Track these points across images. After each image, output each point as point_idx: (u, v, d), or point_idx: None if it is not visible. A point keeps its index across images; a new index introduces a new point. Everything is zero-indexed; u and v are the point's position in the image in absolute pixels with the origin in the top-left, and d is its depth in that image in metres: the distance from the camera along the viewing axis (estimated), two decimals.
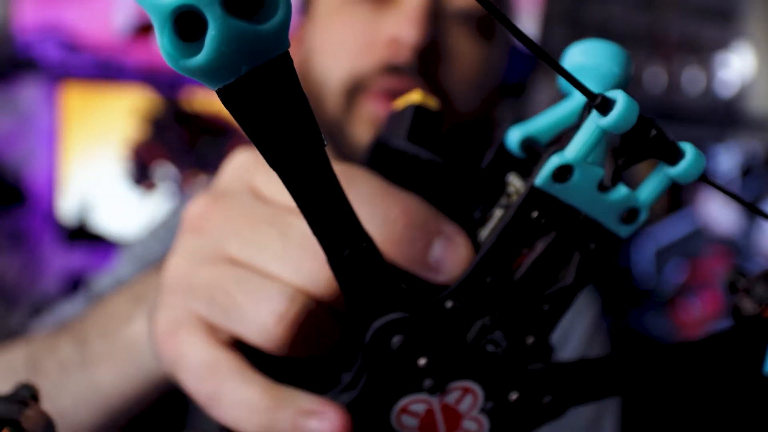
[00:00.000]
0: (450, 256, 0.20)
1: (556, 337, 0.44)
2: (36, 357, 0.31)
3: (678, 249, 2.23)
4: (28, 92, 1.56)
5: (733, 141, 2.57)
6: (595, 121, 0.18)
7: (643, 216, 0.20)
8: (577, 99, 0.22)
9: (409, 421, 0.20)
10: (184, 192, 1.60)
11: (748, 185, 2.42)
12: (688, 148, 0.19)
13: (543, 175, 0.18)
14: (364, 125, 0.45)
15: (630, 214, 0.20)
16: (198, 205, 0.23)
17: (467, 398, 0.20)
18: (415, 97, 0.23)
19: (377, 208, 0.20)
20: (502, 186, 0.22)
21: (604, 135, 0.18)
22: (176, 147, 1.59)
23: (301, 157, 0.16)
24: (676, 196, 2.26)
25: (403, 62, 0.43)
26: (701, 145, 1.87)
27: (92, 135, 1.53)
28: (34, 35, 1.47)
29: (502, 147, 0.23)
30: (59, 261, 1.57)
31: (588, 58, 0.20)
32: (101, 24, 1.52)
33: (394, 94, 0.43)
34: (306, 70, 0.48)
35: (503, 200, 0.22)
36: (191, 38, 0.14)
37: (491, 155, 0.23)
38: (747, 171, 2.46)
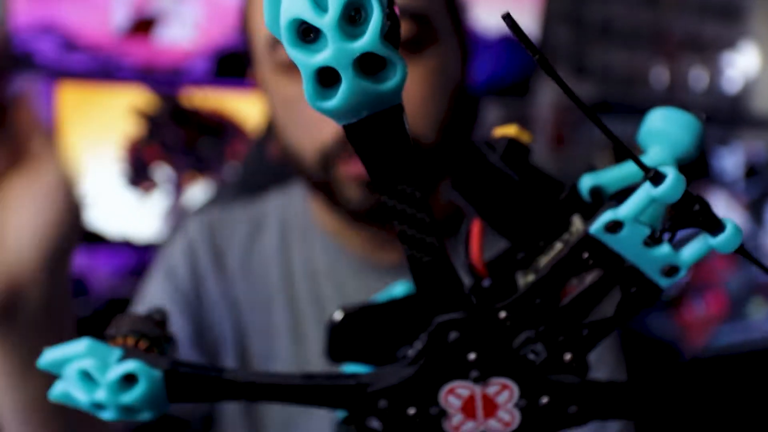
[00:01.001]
0: None
1: None
2: None
3: None
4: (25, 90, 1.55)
5: (737, 141, 2.56)
6: (646, 190, 0.21)
7: (682, 273, 0.23)
8: (649, 158, 0.25)
9: (454, 402, 0.25)
10: (182, 192, 1.58)
11: (752, 186, 2.41)
12: (729, 224, 0.22)
13: (597, 225, 0.23)
14: (346, 184, 0.48)
15: (671, 269, 0.23)
16: None
17: (505, 393, 0.24)
18: (510, 130, 0.27)
19: None
20: (566, 223, 0.26)
21: (655, 202, 0.22)
22: (174, 147, 1.58)
23: (398, 181, 0.22)
24: None
25: None
26: (705, 145, 1.84)
27: (89, 134, 1.51)
28: (30, 33, 1.46)
29: (575, 189, 0.27)
30: None
31: (665, 125, 0.24)
32: (98, 22, 1.51)
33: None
34: (276, 130, 0.50)
35: (565, 236, 0.26)
36: (329, 84, 0.20)
37: (564, 194, 0.27)
38: (751, 171, 2.44)
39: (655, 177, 0.21)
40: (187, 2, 1.56)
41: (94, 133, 1.52)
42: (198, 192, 1.59)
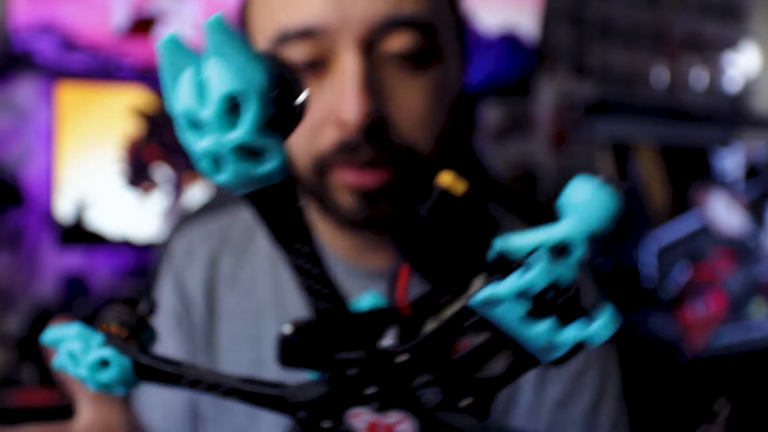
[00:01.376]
0: None
1: None
2: None
3: (683, 250, 2.21)
4: (24, 90, 1.55)
5: (737, 141, 2.55)
6: (520, 275, 0.23)
7: (557, 354, 0.24)
8: (561, 229, 0.25)
9: (360, 424, 0.27)
10: (181, 192, 1.58)
11: (753, 186, 2.40)
12: (603, 315, 0.23)
13: (475, 299, 0.24)
14: (340, 192, 0.47)
15: (550, 347, 0.24)
16: None
17: (405, 424, 0.27)
18: (445, 178, 0.28)
19: None
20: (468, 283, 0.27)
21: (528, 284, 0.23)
22: (173, 147, 1.57)
23: (294, 240, 0.25)
24: (683, 197, 2.24)
25: (352, 139, 0.45)
26: (706, 145, 1.84)
27: (89, 134, 1.51)
28: (29, 33, 1.45)
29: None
30: (56, 261, 1.56)
31: (582, 199, 0.24)
32: (98, 22, 1.51)
33: (356, 165, 0.46)
34: None
35: (463, 296, 0.27)
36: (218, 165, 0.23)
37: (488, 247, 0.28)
38: (751, 171, 2.44)
39: (527, 264, 0.23)
40: (187, 1, 1.56)
41: (94, 132, 1.52)
42: (198, 192, 1.59)
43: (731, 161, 2.42)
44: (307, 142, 0.47)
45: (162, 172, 1.57)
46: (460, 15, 0.52)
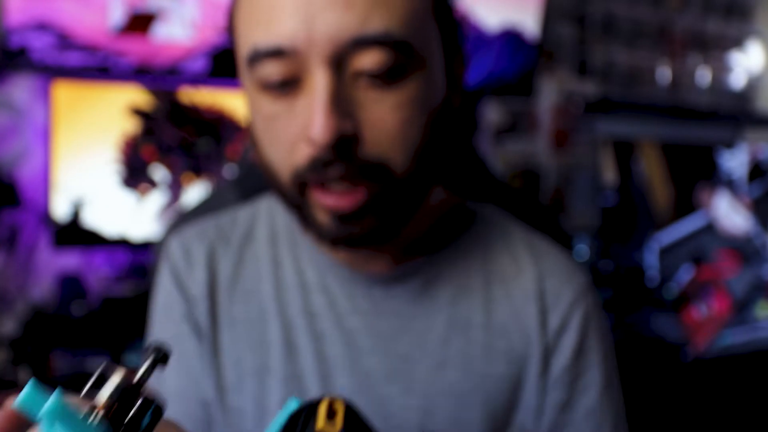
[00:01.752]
0: None
1: (557, 326, 0.54)
2: None
3: (687, 250, 2.19)
4: (20, 89, 1.53)
5: (741, 140, 2.53)
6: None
7: None
8: None
9: None
10: (179, 192, 1.57)
11: (756, 185, 2.38)
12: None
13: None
14: (318, 211, 0.48)
15: None
16: None
17: None
18: (319, 422, 0.32)
19: None
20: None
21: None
22: (171, 147, 1.56)
23: None
24: (686, 197, 2.22)
25: (322, 156, 0.45)
26: (709, 144, 1.81)
27: (85, 132, 1.50)
28: (25, 31, 1.44)
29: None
30: (51, 261, 1.54)
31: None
32: (94, 20, 1.49)
33: (330, 185, 0.46)
34: (256, 143, 0.51)
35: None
36: None
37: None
38: (756, 171, 2.42)
39: None
40: (184, 0, 1.54)
41: (91, 131, 1.50)
42: (195, 192, 1.58)
43: (735, 160, 2.40)
44: (286, 157, 0.47)
45: (159, 172, 1.56)
46: (450, 20, 0.51)
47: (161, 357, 0.31)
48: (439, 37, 0.50)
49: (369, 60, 0.45)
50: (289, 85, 0.46)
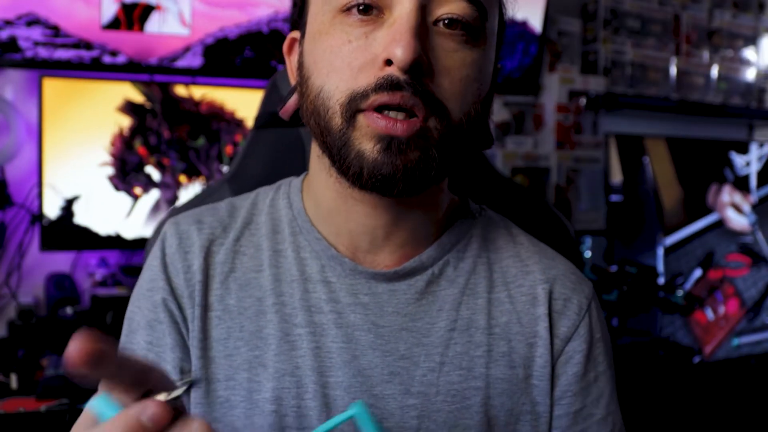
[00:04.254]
0: None
1: (566, 332, 0.55)
2: None
3: (696, 251, 2.15)
4: (9, 85, 1.50)
5: (751, 138, 2.49)
6: None
7: None
8: None
9: None
10: (172, 190, 1.53)
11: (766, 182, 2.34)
12: None
13: None
14: (365, 138, 0.49)
15: None
16: None
17: None
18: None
19: None
20: None
21: None
22: (164, 144, 1.52)
23: None
24: (696, 198, 2.18)
25: (395, 81, 0.47)
26: (719, 141, 1.76)
27: (77, 129, 1.46)
28: (15, 25, 1.40)
29: None
30: (41, 261, 1.51)
31: None
32: (86, 14, 1.45)
33: (390, 109, 0.48)
34: (305, 86, 0.52)
35: None
36: None
37: None
38: (765, 171, 2.37)
39: None
40: None
41: (82, 128, 1.46)
42: (189, 191, 1.54)
43: (745, 158, 2.35)
44: (346, 81, 0.49)
45: (152, 169, 1.52)
46: (505, 16, 0.56)
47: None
48: (497, 30, 0.54)
49: (452, 7, 0.49)
50: (367, 12, 0.49)
